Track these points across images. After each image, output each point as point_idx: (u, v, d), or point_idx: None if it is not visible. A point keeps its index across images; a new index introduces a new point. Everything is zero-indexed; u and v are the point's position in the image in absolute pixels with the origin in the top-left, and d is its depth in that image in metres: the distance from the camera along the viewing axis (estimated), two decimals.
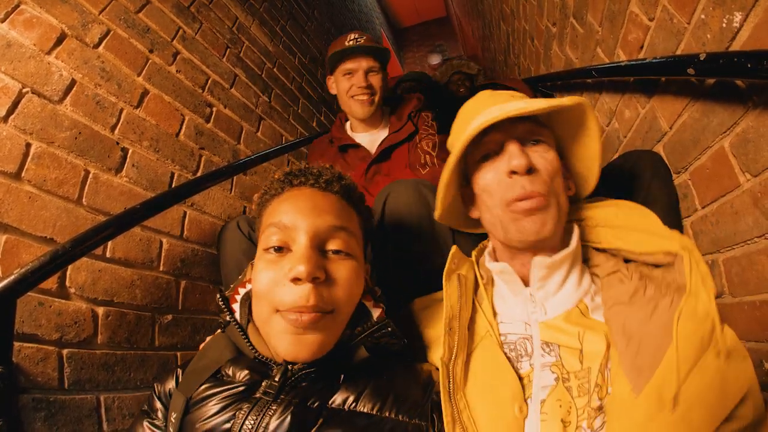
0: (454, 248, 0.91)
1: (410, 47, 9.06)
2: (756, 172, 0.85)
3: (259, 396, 0.69)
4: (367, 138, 1.87)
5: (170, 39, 1.74)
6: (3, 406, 0.88)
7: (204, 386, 0.73)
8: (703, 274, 0.64)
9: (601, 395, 0.66)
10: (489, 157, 0.83)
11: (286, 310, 0.68)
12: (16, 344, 0.96)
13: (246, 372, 0.74)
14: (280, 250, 0.73)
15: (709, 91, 0.96)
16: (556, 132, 0.88)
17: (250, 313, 0.80)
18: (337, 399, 0.71)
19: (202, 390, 0.73)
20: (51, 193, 1.15)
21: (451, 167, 0.85)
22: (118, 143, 1.39)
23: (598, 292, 0.80)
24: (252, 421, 0.65)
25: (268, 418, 0.65)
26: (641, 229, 0.77)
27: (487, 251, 0.93)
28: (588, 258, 0.85)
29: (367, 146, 1.83)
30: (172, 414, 0.73)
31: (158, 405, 0.80)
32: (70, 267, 1.14)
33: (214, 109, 1.90)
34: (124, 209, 1.23)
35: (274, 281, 0.70)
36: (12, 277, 0.90)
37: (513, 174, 0.78)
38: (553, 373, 0.71)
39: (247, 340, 0.78)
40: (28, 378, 0.99)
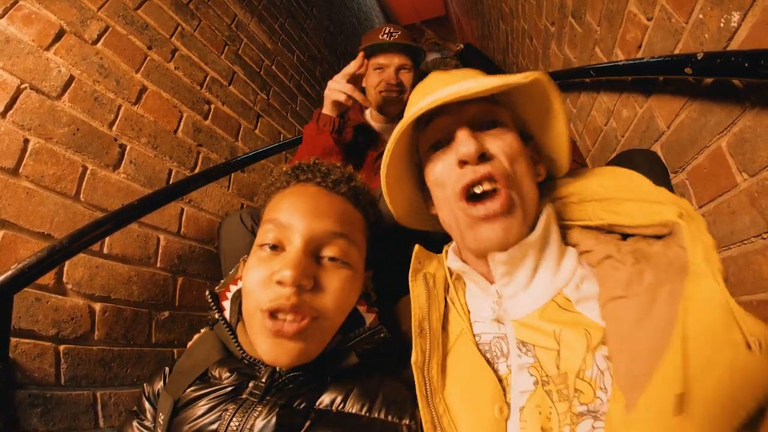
0: (417, 247, 0.84)
1: None
2: (753, 172, 0.86)
3: (245, 397, 0.68)
4: (383, 128, 1.82)
5: (169, 36, 1.73)
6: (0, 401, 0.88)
7: (191, 388, 0.72)
8: (707, 247, 0.56)
9: (584, 400, 0.59)
10: (440, 146, 0.74)
11: (267, 309, 0.65)
12: (13, 340, 0.96)
13: (233, 373, 0.72)
14: (275, 248, 0.71)
15: (706, 90, 0.97)
16: (521, 115, 0.80)
17: (241, 311, 0.77)
18: (325, 400, 0.69)
19: (190, 392, 0.71)
20: (49, 189, 1.15)
21: (387, 162, 0.75)
22: (116, 139, 1.38)
23: (588, 279, 0.70)
24: (237, 422, 0.64)
25: (254, 419, 0.64)
26: (631, 198, 0.69)
27: (452, 248, 0.85)
28: (576, 242, 0.74)
29: (383, 134, 1.79)
30: (160, 415, 0.72)
31: (147, 406, 0.78)
32: (67, 263, 1.14)
33: (212, 106, 1.90)
34: (122, 205, 1.23)
35: (262, 279, 0.68)
36: (9, 273, 0.89)
37: (464, 164, 0.69)
38: (532, 376, 0.64)
39: (235, 340, 0.76)
40: (25, 374, 0.99)
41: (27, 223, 1.08)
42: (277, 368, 0.71)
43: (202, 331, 0.89)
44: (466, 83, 0.70)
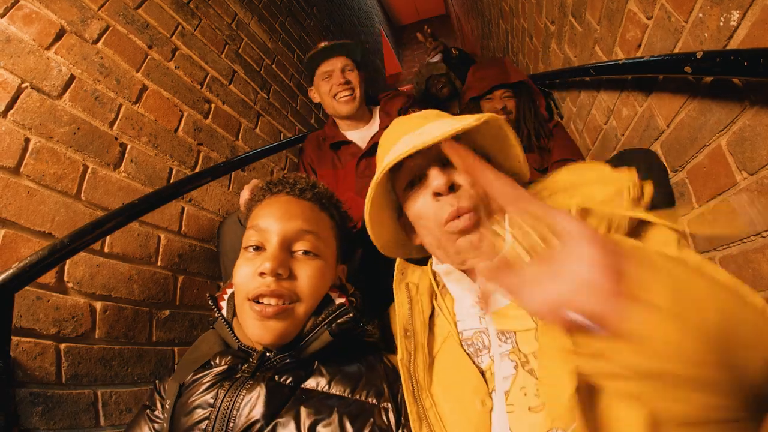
0: (398, 260, 0.96)
1: (409, 45, 9.04)
2: (753, 171, 0.86)
3: (239, 375, 0.80)
4: (357, 134, 1.92)
5: (169, 35, 1.73)
6: (0, 400, 0.88)
7: (194, 374, 0.83)
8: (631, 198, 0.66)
9: None
10: (415, 183, 0.85)
11: (253, 297, 0.80)
12: (14, 338, 0.96)
13: (230, 358, 0.84)
14: (258, 249, 0.85)
15: (706, 89, 0.97)
16: (479, 141, 0.90)
17: (236, 309, 0.90)
18: (311, 382, 0.81)
19: (192, 376, 0.83)
20: (49, 188, 1.15)
21: (371, 201, 0.85)
22: (116, 138, 1.38)
23: None
24: (231, 395, 0.76)
25: (245, 391, 0.76)
26: (593, 181, 0.77)
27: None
28: None
29: (358, 142, 1.88)
30: (167, 401, 0.83)
31: (157, 397, 0.88)
32: (68, 262, 1.14)
33: (213, 105, 1.90)
34: (123, 204, 1.23)
35: (248, 274, 0.82)
36: (10, 272, 0.90)
37: (438, 196, 0.80)
38: (512, 360, 0.72)
39: (231, 332, 0.88)
40: (26, 372, 0.99)
41: (28, 222, 1.08)
42: (267, 353, 0.84)
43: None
44: (431, 128, 0.82)
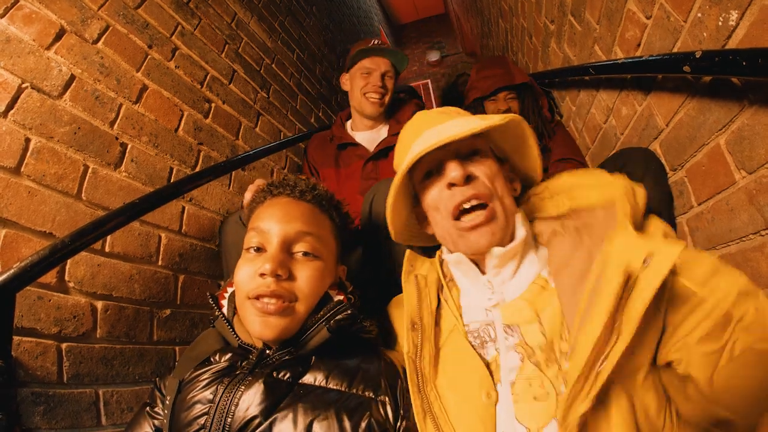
0: (408, 251, 0.99)
1: (409, 44, 9.04)
2: (751, 169, 0.86)
3: (238, 372, 0.81)
4: (366, 136, 1.92)
5: (169, 35, 1.73)
6: (2, 400, 0.89)
7: (193, 370, 0.84)
8: (628, 212, 0.68)
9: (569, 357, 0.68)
10: (432, 175, 0.88)
11: (254, 297, 0.81)
12: (16, 338, 0.96)
13: (229, 355, 0.85)
14: (259, 250, 0.86)
15: (705, 88, 0.97)
16: (498, 142, 0.94)
17: (236, 308, 0.91)
18: (308, 377, 0.82)
19: (192, 373, 0.84)
20: (50, 188, 1.15)
21: (395, 191, 0.88)
22: (117, 138, 1.39)
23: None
24: (230, 390, 0.77)
25: (244, 387, 0.77)
26: (588, 185, 0.81)
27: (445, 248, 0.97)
28: (539, 232, 0.89)
29: (366, 145, 1.88)
30: (167, 398, 0.84)
31: (157, 395, 0.89)
32: (69, 261, 1.14)
33: (213, 105, 1.90)
34: (123, 204, 1.23)
35: (249, 274, 0.83)
36: (11, 272, 0.90)
37: (452, 186, 0.83)
38: (518, 353, 0.74)
39: (232, 330, 0.89)
40: (27, 372, 0.99)
41: (29, 222, 1.08)
42: (267, 350, 0.84)
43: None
44: (453, 125, 0.85)
